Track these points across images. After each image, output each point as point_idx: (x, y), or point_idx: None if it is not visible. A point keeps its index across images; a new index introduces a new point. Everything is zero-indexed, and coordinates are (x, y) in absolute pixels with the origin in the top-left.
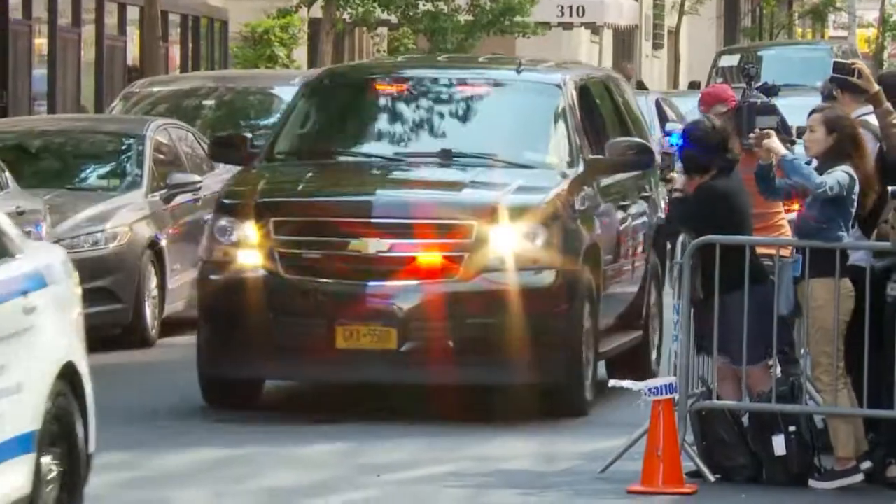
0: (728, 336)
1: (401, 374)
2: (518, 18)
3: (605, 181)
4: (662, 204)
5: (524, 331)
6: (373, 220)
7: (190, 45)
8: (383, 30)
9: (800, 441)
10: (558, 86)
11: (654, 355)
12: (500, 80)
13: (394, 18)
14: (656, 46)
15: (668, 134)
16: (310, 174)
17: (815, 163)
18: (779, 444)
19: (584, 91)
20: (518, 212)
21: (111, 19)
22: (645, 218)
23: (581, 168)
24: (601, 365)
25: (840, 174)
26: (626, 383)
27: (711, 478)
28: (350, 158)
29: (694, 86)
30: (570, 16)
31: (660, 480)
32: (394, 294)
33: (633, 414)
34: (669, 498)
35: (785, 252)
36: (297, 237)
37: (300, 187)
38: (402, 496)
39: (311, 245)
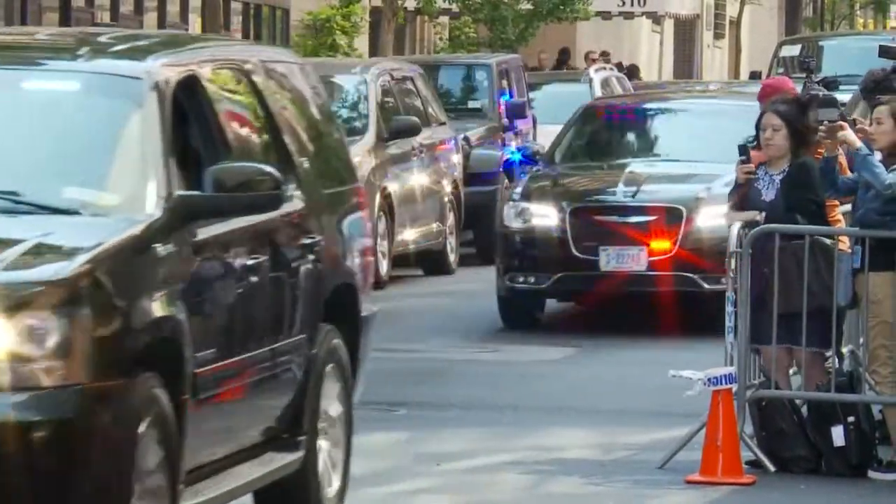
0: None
1: None
2: (579, 5)
3: (211, 230)
4: (359, 244)
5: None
6: None
7: (252, 33)
8: (444, 19)
9: (859, 432)
10: (138, 79)
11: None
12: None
13: (455, 7)
14: (717, 36)
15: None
16: None
17: (879, 155)
18: (838, 435)
19: (191, 88)
20: (14, 295)
21: (173, 7)
22: (304, 282)
23: (160, 212)
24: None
25: None
26: (686, 373)
27: (771, 468)
28: None
29: (754, 76)
30: (632, 5)
31: (719, 471)
32: None
33: (691, 404)
34: (728, 488)
35: (843, 246)
36: None
37: None
38: (462, 485)
39: None
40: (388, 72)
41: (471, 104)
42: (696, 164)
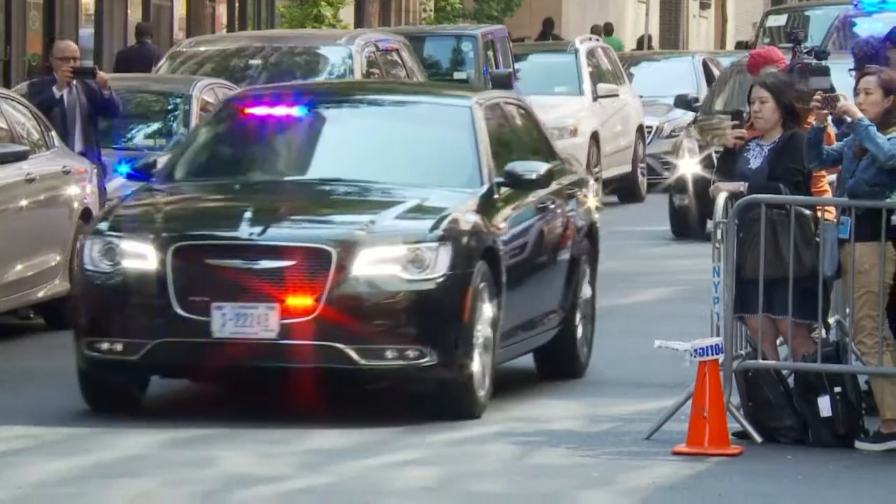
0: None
1: None
2: None
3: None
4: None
5: None
6: None
7: (237, 4)
8: None
9: (845, 402)
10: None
11: None
12: None
13: None
14: (703, 6)
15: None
16: None
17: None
18: (824, 406)
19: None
20: None
21: None
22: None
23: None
24: None
25: None
26: (672, 344)
27: (758, 439)
28: None
29: (741, 46)
30: None
31: (706, 442)
32: None
33: (676, 375)
34: (715, 459)
35: (829, 215)
36: None
37: None
38: (448, 456)
39: None
40: (373, 43)
41: (456, 75)
42: (368, 188)
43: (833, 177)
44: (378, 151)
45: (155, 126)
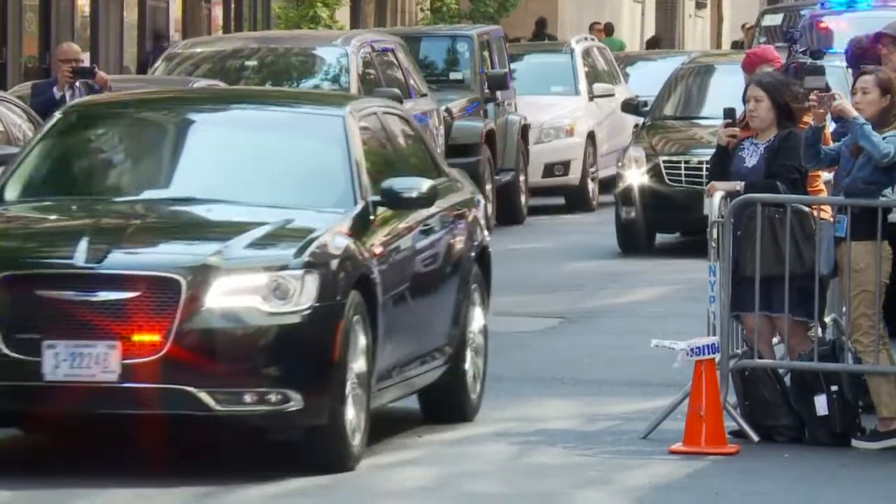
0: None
1: None
2: None
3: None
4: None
5: None
6: None
7: (232, 5)
8: None
9: (842, 401)
10: None
11: None
12: None
13: None
14: (699, 6)
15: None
16: None
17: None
18: (821, 404)
19: None
20: None
21: None
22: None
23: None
24: None
25: None
26: (669, 343)
27: (755, 437)
28: None
29: (737, 45)
30: None
31: (702, 441)
32: None
33: (674, 374)
34: (712, 458)
35: (825, 214)
36: None
37: None
38: (445, 457)
39: None
40: (369, 43)
41: (452, 76)
42: (226, 208)
43: (829, 175)
44: (238, 167)
45: None
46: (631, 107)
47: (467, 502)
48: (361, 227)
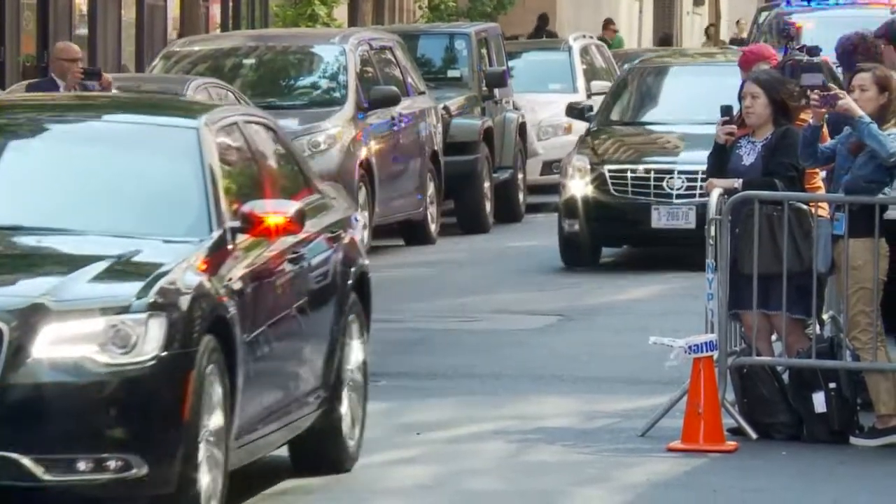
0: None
1: None
2: None
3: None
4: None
5: None
6: None
7: (230, 3)
8: None
9: (840, 398)
10: None
11: None
12: None
13: None
14: (697, 3)
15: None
16: None
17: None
18: (819, 402)
19: None
20: None
21: None
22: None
23: None
24: None
25: None
26: (667, 340)
27: (753, 435)
28: None
29: (735, 42)
30: None
31: (700, 438)
32: None
33: (672, 371)
34: (710, 456)
35: (822, 212)
36: None
37: None
38: (442, 454)
39: None
40: (367, 41)
41: (450, 73)
42: (58, 239)
43: (824, 173)
44: (72, 190)
45: None
46: (575, 111)
47: (466, 500)
48: (218, 259)
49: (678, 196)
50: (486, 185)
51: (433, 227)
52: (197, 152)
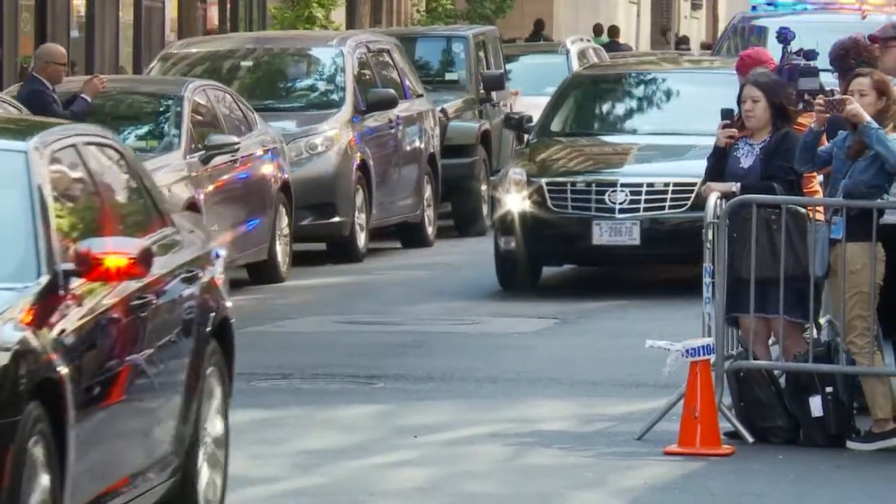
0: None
1: None
2: None
3: None
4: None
5: None
6: None
7: (228, 5)
8: None
9: (837, 402)
10: None
11: None
12: None
13: None
14: (695, 6)
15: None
16: None
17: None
18: (816, 406)
19: None
20: None
21: None
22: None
23: None
24: None
25: None
26: (664, 343)
27: (750, 439)
28: None
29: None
30: None
31: (697, 442)
32: None
33: (669, 375)
34: (707, 460)
35: (819, 216)
36: None
37: None
38: (439, 457)
39: None
40: (364, 44)
41: (448, 76)
42: None
43: (821, 177)
44: None
45: (146, 128)
46: (513, 121)
47: (463, 503)
48: (47, 308)
49: (621, 210)
50: (484, 187)
51: (430, 230)
52: (25, 180)
